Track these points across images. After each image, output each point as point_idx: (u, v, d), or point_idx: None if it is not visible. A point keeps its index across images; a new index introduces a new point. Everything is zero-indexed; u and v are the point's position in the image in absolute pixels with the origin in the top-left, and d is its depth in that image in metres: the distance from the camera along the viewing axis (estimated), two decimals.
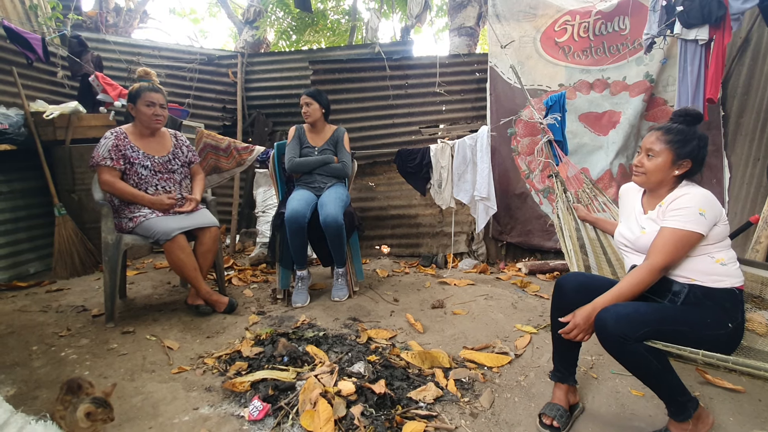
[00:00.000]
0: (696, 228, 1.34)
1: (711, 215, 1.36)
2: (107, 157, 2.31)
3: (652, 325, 1.28)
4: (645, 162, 1.47)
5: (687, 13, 2.62)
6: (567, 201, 2.12)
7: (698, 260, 1.39)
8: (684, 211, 1.36)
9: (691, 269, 1.39)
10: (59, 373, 1.82)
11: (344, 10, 7.40)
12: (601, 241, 1.98)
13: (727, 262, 1.38)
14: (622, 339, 1.26)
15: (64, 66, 3.76)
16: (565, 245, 1.96)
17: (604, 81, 3.44)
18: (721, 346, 1.33)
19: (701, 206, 1.35)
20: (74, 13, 4.44)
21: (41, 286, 2.96)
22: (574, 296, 1.48)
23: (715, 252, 1.39)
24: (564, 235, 1.99)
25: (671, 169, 1.44)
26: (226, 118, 4.67)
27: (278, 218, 2.64)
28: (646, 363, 1.28)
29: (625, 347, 1.28)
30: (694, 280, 1.38)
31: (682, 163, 1.43)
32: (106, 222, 2.33)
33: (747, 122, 3.01)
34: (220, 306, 2.44)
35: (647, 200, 1.56)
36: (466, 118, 3.94)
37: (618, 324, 1.27)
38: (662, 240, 1.38)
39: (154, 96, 2.41)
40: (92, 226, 3.26)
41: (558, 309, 1.52)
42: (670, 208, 1.40)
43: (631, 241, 1.52)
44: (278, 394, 1.63)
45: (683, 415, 1.36)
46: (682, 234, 1.35)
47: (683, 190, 1.43)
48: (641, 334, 1.26)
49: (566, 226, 2.01)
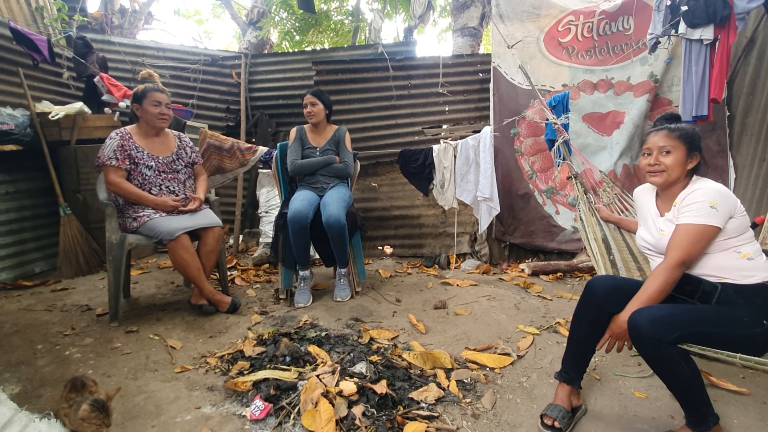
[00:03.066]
0: (708, 221, 1.33)
1: (724, 207, 1.35)
2: (113, 157, 2.33)
3: (687, 328, 1.26)
4: (662, 159, 1.47)
5: (692, 12, 2.61)
6: (588, 202, 2.10)
7: (724, 257, 1.37)
8: (696, 205, 1.36)
9: (719, 267, 1.37)
10: (63, 372, 1.83)
11: (347, 10, 7.41)
12: (626, 241, 1.96)
13: (753, 256, 1.37)
14: (658, 342, 1.24)
15: (69, 67, 3.79)
16: (591, 248, 1.93)
17: (608, 81, 3.42)
18: (757, 345, 1.30)
19: (712, 199, 1.35)
20: (80, 14, 4.49)
21: (46, 286, 2.98)
22: (604, 298, 1.47)
23: (740, 246, 1.37)
24: (588, 237, 1.97)
25: (686, 164, 1.46)
26: (229, 119, 4.69)
27: (281, 218, 2.65)
28: (678, 368, 1.26)
29: (661, 351, 1.25)
30: (724, 279, 1.36)
31: (693, 156, 1.45)
32: (110, 222, 2.35)
33: (752, 122, 2.99)
34: (223, 306, 2.45)
35: (661, 202, 1.56)
36: (469, 119, 3.94)
37: (653, 326, 1.25)
38: (677, 237, 1.37)
39: (160, 96, 2.44)
40: (97, 225, 3.29)
41: (586, 311, 1.51)
42: (683, 205, 1.40)
43: (652, 244, 1.52)
44: (280, 394, 1.63)
45: (702, 427, 1.33)
46: (696, 228, 1.35)
47: (695, 186, 1.43)
48: (676, 336, 1.24)
49: (590, 228, 1.98)
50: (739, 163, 3.12)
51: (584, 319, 1.50)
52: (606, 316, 1.43)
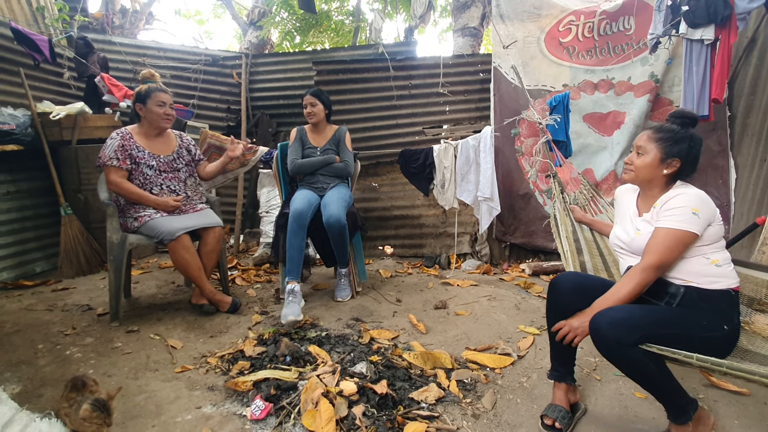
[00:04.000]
0: (690, 227, 1.34)
1: (705, 215, 1.35)
2: (113, 157, 2.33)
3: (647, 329, 1.26)
4: (634, 159, 1.49)
5: (692, 12, 2.60)
6: (564, 201, 2.12)
7: (693, 261, 1.38)
8: (677, 210, 1.36)
9: (687, 271, 1.38)
10: (64, 372, 1.84)
11: (348, 11, 7.40)
12: (597, 243, 1.97)
13: (722, 263, 1.37)
14: (618, 343, 1.25)
15: (70, 67, 3.80)
16: (561, 245, 1.96)
17: (608, 81, 3.42)
18: (716, 348, 1.32)
19: (695, 206, 1.35)
20: (81, 14, 4.49)
21: (47, 285, 2.99)
22: (569, 296, 1.49)
23: (710, 253, 1.38)
24: (560, 235, 2.00)
25: (659, 168, 1.44)
26: (230, 119, 4.69)
27: (281, 218, 2.65)
28: (644, 367, 1.27)
29: (621, 352, 1.26)
30: (689, 282, 1.37)
31: (670, 162, 1.43)
32: (111, 222, 2.35)
33: (753, 122, 2.99)
34: (224, 306, 2.46)
35: (642, 202, 1.55)
36: (470, 119, 3.94)
37: (612, 328, 1.26)
38: (656, 240, 1.37)
39: (164, 96, 2.45)
40: (98, 225, 3.29)
41: (553, 309, 1.53)
42: (664, 209, 1.40)
43: (626, 242, 1.51)
44: (280, 394, 1.64)
45: (683, 418, 1.35)
46: (676, 234, 1.34)
47: (677, 190, 1.42)
48: (637, 338, 1.25)
49: (563, 226, 2.02)
50: (740, 163, 3.11)
51: (554, 317, 1.51)
52: (572, 314, 1.43)
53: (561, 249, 1.95)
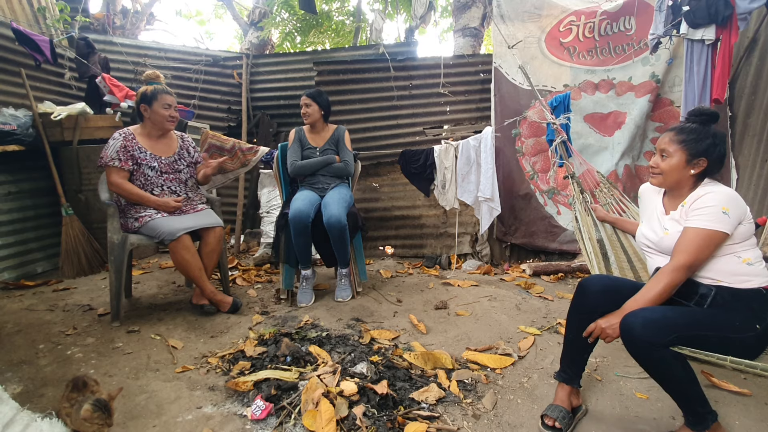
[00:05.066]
0: (720, 227, 1.31)
1: (735, 214, 1.33)
2: (115, 157, 2.34)
3: (679, 331, 1.24)
4: (660, 163, 1.46)
5: (693, 12, 2.60)
6: (584, 202, 2.09)
7: (724, 260, 1.36)
8: (707, 210, 1.34)
9: (717, 270, 1.36)
10: (65, 372, 1.84)
11: (348, 11, 7.40)
12: (621, 242, 1.94)
13: (753, 262, 1.35)
14: (650, 345, 1.24)
15: (71, 67, 3.80)
16: (585, 247, 1.92)
17: (609, 81, 3.42)
18: (749, 349, 1.30)
19: (725, 205, 1.33)
20: (82, 15, 4.49)
21: (48, 285, 2.99)
22: (597, 299, 1.46)
23: (741, 251, 1.36)
24: (583, 237, 1.96)
25: (686, 169, 1.42)
26: (231, 119, 4.69)
27: (282, 219, 2.65)
28: (672, 369, 1.26)
29: (653, 353, 1.25)
30: (720, 282, 1.35)
31: (697, 162, 1.41)
32: (112, 222, 2.36)
33: (754, 123, 2.98)
34: (225, 306, 2.46)
35: (668, 200, 1.53)
36: (470, 119, 3.94)
37: (645, 329, 1.24)
38: (686, 240, 1.35)
39: (170, 99, 2.47)
40: (99, 225, 3.29)
41: (579, 311, 1.50)
42: (693, 208, 1.37)
43: (654, 242, 1.49)
44: (281, 394, 1.64)
45: (700, 426, 1.32)
46: (706, 233, 1.32)
47: (706, 188, 1.40)
48: (669, 339, 1.23)
49: (585, 227, 1.98)
50: (741, 163, 3.11)
51: (578, 318, 1.49)
52: (599, 316, 1.41)
53: (584, 251, 1.91)
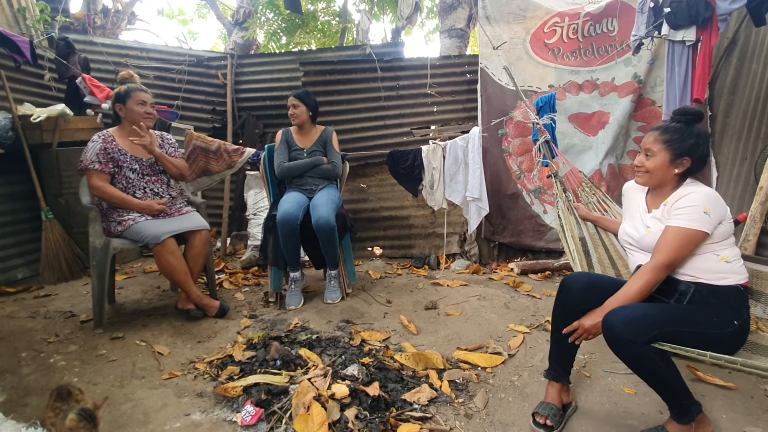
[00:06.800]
0: (701, 227, 1.35)
1: (716, 214, 1.36)
2: (95, 160, 2.28)
3: (660, 327, 1.27)
4: (645, 162, 1.49)
5: (674, 14, 2.65)
6: (567, 201, 2.12)
7: (703, 258, 1.39)
8: (689, 209, 1.37)
9: (696, 267, 1.39)
10: (48, 380, 1.79)
11: (335, 11, 7.39)
12: (602, 240, 1.98)
13: (731, 260, 1.39)
14: (631, 342, 1.26)
15: (51, 68, 3.71)
16: (568, 245, 1.95)
17: (593, 82, 3.47)
18: (727, 344, 1.33)
19: (706, 205, 1.36)
20: (62, 15, 4.38)
21: (29, 292, 2.91)
22: (580, 296, 1.48)
23: (720, 250, 1.39)
24: (566, 235, 1.99)
25: (671, 168, 1.45)
26: (216, 120, 4.63)
27: (270, 220, 2.62)
28: (654, 366, 1.28)
29: (635, 350, 1.27)
30: (699, 279, 1.38)
31: (681, 162, 1.44)
32: (94, 226, 2.30)
33: (734, 122, 3.06)
34: (211, 310, 2.42)
35: (651, 199, 1.56)
36: (458, 119, 3.96)
37: (627, 327, 1.26)
38: (667, 239, 1.38)
39: (144, 96, 2.41)
40: (80, 230, 3.21)
41: (563, 308, 1.52)
42: (675, 207, 1.40)
43: (636, 239, 1.52)
44: (271, 399, 1.61)
45: (686, 418, 1.35)
46: (687, 233, 1.35)
47: (688, 188, 1.43)
48: (650, 336, 1.26)
49: (567, 226, 2.01)
50: (721, 161, 3.18)
51: (562, 316, 1.51)
52: (583, 314, 1.44)
53: (567, 249, 1.94)
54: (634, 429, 1.48)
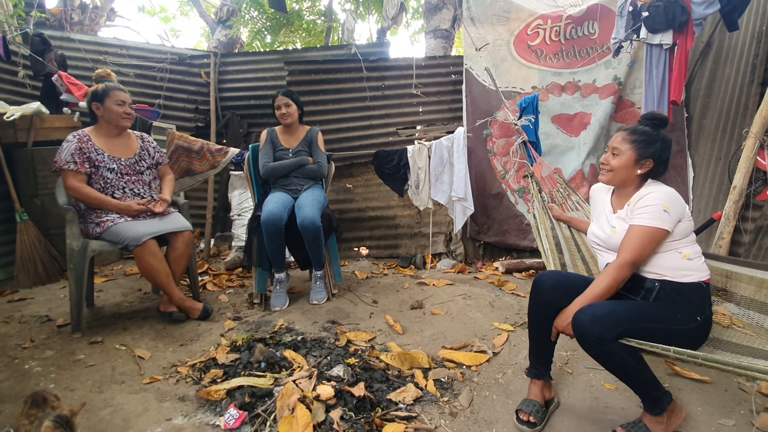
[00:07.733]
0: (661, 224, 1.40)
1: (675, 212, 1.41)
2: (70, 161, 2.22)
3: (626, 324, 1.31)
4: (611, 160, 1.55)
5: (652, 18, 2.72)
6: (542, 201, 2.17)
7: (667, 256, 1.44)
8: (650, 208, 1.42)
9: (660, 265, 1.44)
10: (23, 387, 1.73)
11: (320, 10, 7.34)
12: (575, 240, 2.03)
13: (693, 257, 1.44)
14: (599, 339, 1.30)
15: (25, 65, 3.59)
16: (542, 244, 2.00)
17: (575, 84, 3.53)
18: (691, 339, 1.38)
19: (665, 203, 1.41)
20: (37, 10, 4.25)
21: (3, 296, 2.81)
22: (551, 294, 1.52)
23: (681, 248, 1.45)
24: (540, 234, 2.04)
25: (634, 168, 1.51)
26: (198, 120, 4.56)
27: (254, 221, 2.59)
28: (623, 361, 1.32)
29: (603, 347, 1.31)
30: (664, 276, 1.43)
31: (644, 163, 1.50)
32: (71, 227, 2.24)
33: (709, 123, 3.14)
34: (194, 312, 2.38)
35: (616, 199, 1.61)
36: (443, 120, 3.98)
37: (595, 325, 1.30)
38: (630, 237, 1.43)
39: (123, 95, 2.36)
40: (56, 232, 3.13)
41: (536, 306, 1.57)
42: (637, 206, 1.46)
43: (603, 240, 1.57)
44: (255, 401, 1.60)
45: (658, 409, 1.40)
46: (649, 231, 1.40)
47: (649, 188, 1.49)
48: (617, 333, 1.30)
49: (542, 225, 2.06)
50: (697, 161, 3.27)
51: (536, 314, 1.56)
52: (555, 311, 1.48)
53: (541, 247, 1.99)
54: (615, 423, 1.51)
